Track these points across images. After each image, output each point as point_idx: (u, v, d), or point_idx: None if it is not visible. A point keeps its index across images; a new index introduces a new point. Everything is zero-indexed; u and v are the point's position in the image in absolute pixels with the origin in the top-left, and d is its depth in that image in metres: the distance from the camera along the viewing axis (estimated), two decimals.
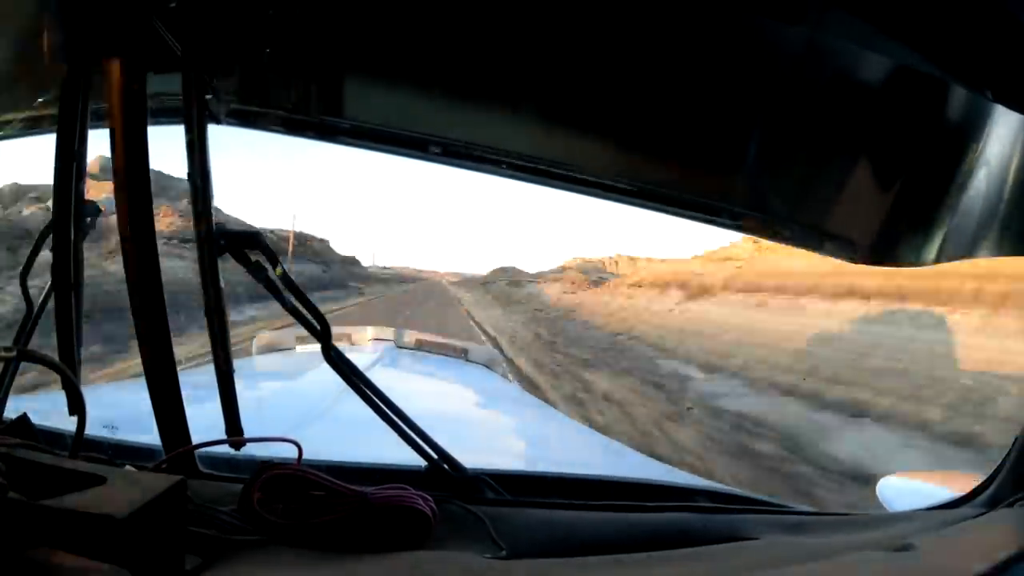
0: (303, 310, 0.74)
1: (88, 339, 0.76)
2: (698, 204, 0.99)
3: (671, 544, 0.66)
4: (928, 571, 0.55)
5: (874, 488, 1.02)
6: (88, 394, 0.62)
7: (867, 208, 0.90)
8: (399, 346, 2.70)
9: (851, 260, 0.96)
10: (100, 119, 0.69)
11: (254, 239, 0.71)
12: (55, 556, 0.41)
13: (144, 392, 0.69)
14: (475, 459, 0.80)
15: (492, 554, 0.63)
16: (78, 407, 0.62)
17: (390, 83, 0.92)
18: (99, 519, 0.41)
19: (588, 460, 1.61)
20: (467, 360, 2.72)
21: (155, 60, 0.68)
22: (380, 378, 0.78)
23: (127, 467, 0.70)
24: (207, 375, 0.77)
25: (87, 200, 0.75)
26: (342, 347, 0.77)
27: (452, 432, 0.88)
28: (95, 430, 0.75)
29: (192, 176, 0.70)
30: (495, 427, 1.79)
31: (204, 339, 0.74)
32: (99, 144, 0.70)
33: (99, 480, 0.46)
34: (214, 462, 0.75)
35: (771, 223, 1.00)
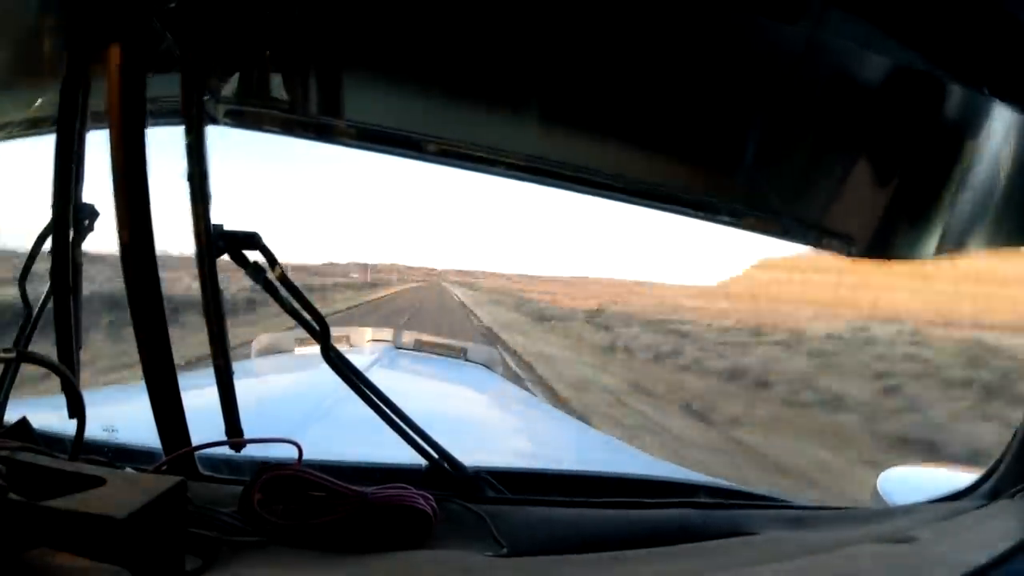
0: (302, 311, 0.73)
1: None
2: (697, 202, 1.00)
3: (671, 540, 0.66)
4: (929, 563, 0.55)
5: (874, 481, 1.02)
6: (88, 397, 0.62)
7: (865, 204, 0.90)
8: (398, 347, 2.71)
9: (849, 255, 0.97)
10: (99, 120, 0.68)
11: (253, 240, 0.71)
12: (55, 557, 0.41)
13: (144, 395, 0.69)
14: (475, 458, 0.80)
15: (493, 552, 0.63)
16: (78, 410, 0.62)
17: (389, 84, 0.92)
18: (99, 520, 0.41)
19: (588, 457, 1.62)
20: (466, 360, 2.72)
21: (154, 61, 0.68)
22: (379, 378, 0.78)
23: (127, 469, 0.70)
24: (206, 377, 0.77)
25: (85, 202, 0.75)
26: (341, 348, 0.76)
27: (452, 431, 0.88)
28: (95, 433, 0.75)
29: (190, 177, 0.70)
30: (495, 426, 1.79)
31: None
32: (98, 145, 0.69)
33: (99, 482, 0.46)
34: (214, 464, 0.75)
35: (770, 220, 1.00)
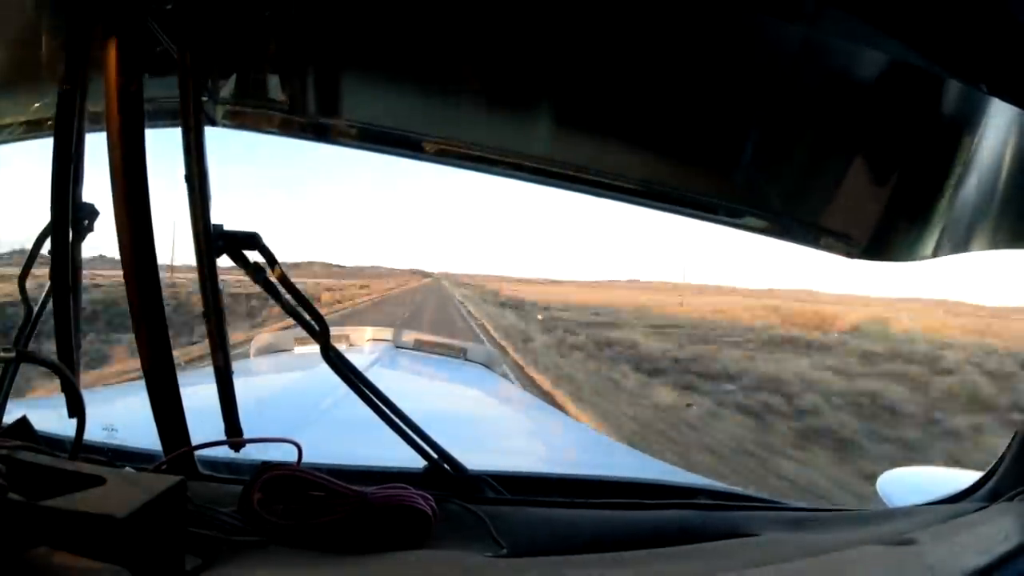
0: (301, 311, 0.73)
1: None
2: (695, 201, 0.99)
3: (671, 542, 0.66)
4: (929, 566, 0.55)
5: (874, 483, 1.02)
6: (87, 396, 0.62)
7: (864, 204, 0.90)
8: (398, 346, 2.70)
9: (848, 256, 0.96)
10: (97, 122, 0.68)
11: (252, 240, 0.71)
12: (55, 556, 0.41)
13: (143, 394, 0.69)
14: (475, 459, 0.80)
15: (493, 553, 0.63)
16: (78, 409, 0.62)
17: (388, 83, 0.92)
18: (99, 519, 0.41)
19: (588, 459, 1.61)
20: (466, 360, 2.72)
21: (152, 62, 0.68)
22: (379, 378, 0.78)
23: (127, 468, 0.70)
24: (206, 377, 0.77)
25: (85, 202, 0.75)
26: (341, 348, 0.77)
27: (451, 432, 0.88)
28: (95, 433, 0.75)
29: (189, 178, 0.70)
30: (494, 426, 1.79)
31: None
32: (96, 147, 0.69)
33: (99, 481, 0.46)
34: (214, 463, 0.75)
35: (768, 220, 1.00)
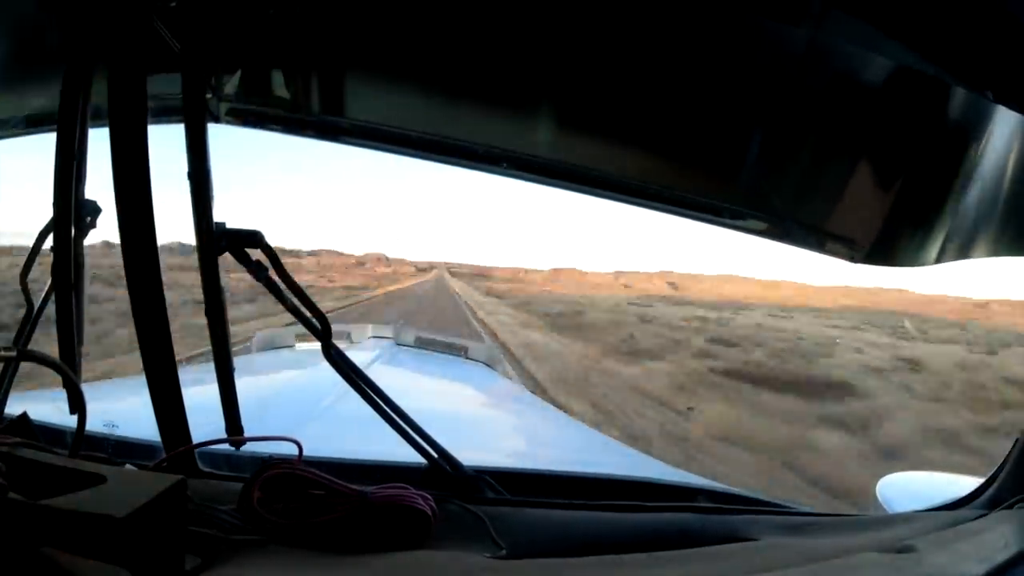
0: (303, 308, 0.73)
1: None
2: (699, 204, 0.99)
3: (671, 544, 0.66)
4: (928, 573, 0.55)
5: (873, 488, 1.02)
6: (88, 391, 0.63)
7: (868, 209, 0.90)
8: (399, 343, 2.71)
9: (851, 260, 0.96)
10: (100, 118, 0.68)
11: (254, 238, 0.71)
12: (55, 556, 0.41)
13: (144, 390, 0.69)
14: (475, 458, 0.80)
15: (492, 553, 0.63)
16: (78, 406, 0.62)
17: (390, 82, 0.92)
18: (99, 519, 0.41)
19: (588, 459, 1.61)
20: (467, 358, 2.72)
21: (155, 60, 0.68)
22: (380, 376, 0.78)
23: (127, 466, 0.70)
24: (207, 373, 0.77)
25: (87, 199, 0.75)
26: (342, 345, 0.77)
27: (452, 430, 0.88)
28: (95, 428, 0.75)
29: (192, 175, 0.70)
30: (495, 425, 1.79)
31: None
32: (99, 144, 0.69)
33: (99, 479, 0.46)
34: (214, 461, 0.75)
35: (772, 223, 1.00)
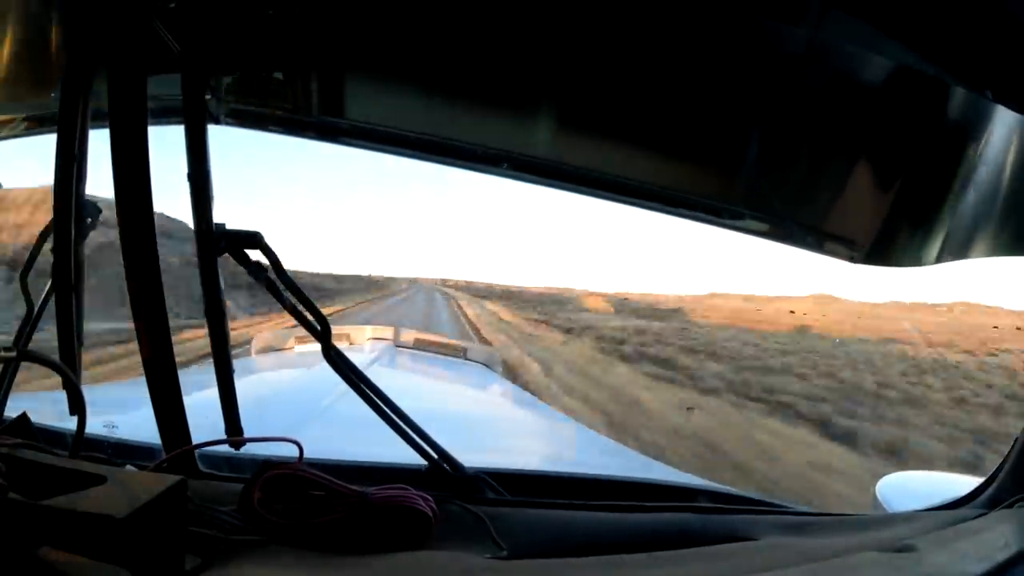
0: (303, 310, 0.73)
1: None
2: (698, 204, 0.99)
3: (671, 544, 0.66)
4: (928, 573, 0.55)
5: (873, 488, 1.02)
6: (88, 393, 0.63)
7: (867, 209, 0.90)
8: (398, 345, 2.71)
9: (851, 261, 0.96)
10: (100, 119, 0.68)
11: (254, 239, 0.71)
12: (55, 556, 0.41)
13: (144, 391, 0.69)
14: (475, 459, 0.80)
15: (492, 554, 0.63)
16: (78, 407, 0.62)
17: (390, 83, 0.92)
18: (99, 519, 0.41)
19: (588, 460, 1.61)
20: (466, 359, 2.73)
21: (155, 60, 0.68)
22: (379, 377, 0.78)
23: (127, 467, 0.70)
24: (207, 375, 0.77)
25: (87, 200, 0.75)
26: (341, 347, 0.77)
27: (451, 431, 0.88)
28: (95, 429, 0.75)
29: (192, 176, 0.70)
30: (495, 426, 1.79)
31: None
32: (99, 144, 0.70)
33: (99, 480, 0.46)
34: (214, 462, 0.75)
35: (771, 223, 1.00)
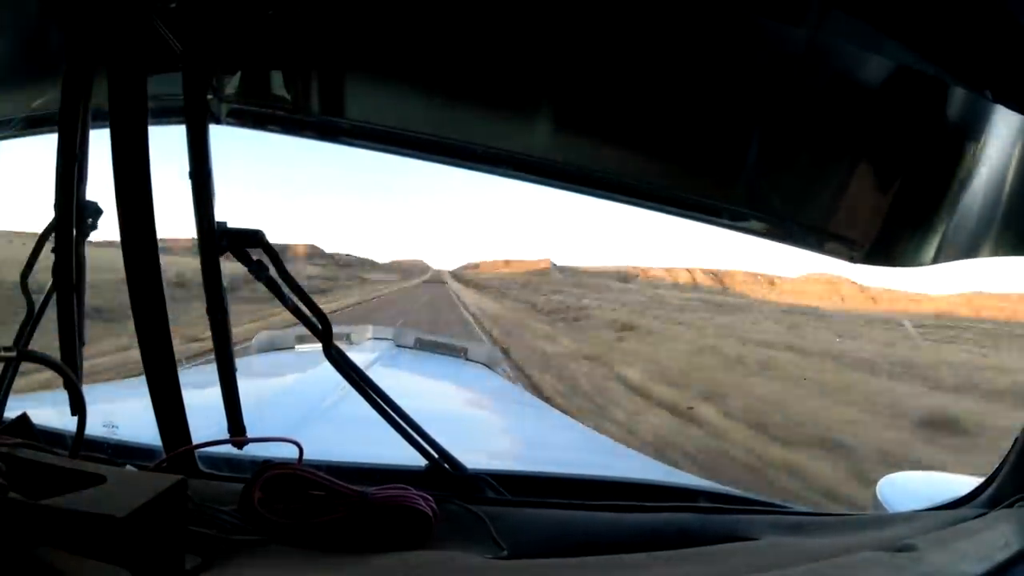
0: (304, 309, 0.73)
1: None
2: (698, 204, 0.99)
3: (671, 544, 0.66)
4: (928, 572, 0.55)
5: (874, 488, 1.02)
6: (89, 393, 0.63)
7: (867, 209, 0.90)
8: (399, 345, 2.71)
9: (851, 260, 0.96)
10: (101, 119, 0.68)
11: (256, 238, 0.71)
12: (55, 556, 0.41)
13: (144, 390, 0.69)
14: (475, 459, 0.80)
15: (493, 554, 0.63)
16: (79, 407, 0.62)
17: (390, 83, 0.92)
18: (99, 519, 0.41)
19: (588, 460, 1.61)
20: (467, 359, 2.73)
21: (155, 60, 0.68)
22: (380, 377, 0.78)
23: (127, 467, 0.70)
24: (207, 375, 0.77)
25: (88, 200, 0.75)
26: (342, 346, 0.77)
27: (452, 431, 0.88)
28: (95, 430, 0.75)
29: (193, 175, 0.70)
30: (495, 426, 1.79)
31: None
32: (100, 144, 0.70)
33: (99, 480, 0.46)
34: (214, 462, 0.75)
35: (771, 224, 1.00)
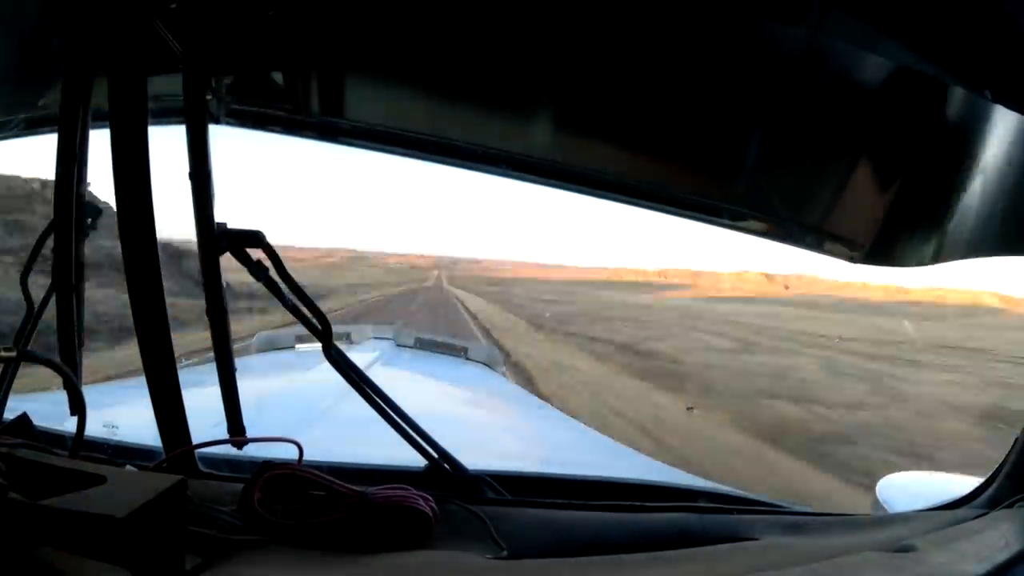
0: (304, 309, 0.73)
1: None
2: (699, 204, 0.99)
3: (671, 545, 0.66)
4: (928, 573, 0.55)
5: (874, 488, 1.02)
6: (88, 394, 0.63)
7: (867, 209, 0.90)
8: (399, 344, 2.72)
9: (851, 260, 0.96)
10: (101, 119, 0.68)
11: (256, 238, 0.71)
12: (55, 556, 0.41)
13: (144, 391, 0.69)
14: (475, 459, 0.80)
15: (493, 554, 0.63)
16: (79, 407, 0.62)
17: (389, 83, 0.92)
18: (99, 519, 0.41)
19: (588, 460, 1.61)
20: (467, 359, 2.73)
21: (155, 61, 0.68)
22: (380, 377, 0.78)
23: (127, 467, 0.70)
24: (207, 375, 0.77)
25: (88, 200, 0.75)
26: (342, 346, 0.76)
27: (452, 431, 0.88)
28: (95, 430, 0.75)
29: (193, 176, 0.70)
30: (495, 426, 1.79)
31: None
32: (100, 144, 0.70)
33: (99, 480, 0.46)
34: (214, 462, 0.75)
35: (771, 224, 1.00)
